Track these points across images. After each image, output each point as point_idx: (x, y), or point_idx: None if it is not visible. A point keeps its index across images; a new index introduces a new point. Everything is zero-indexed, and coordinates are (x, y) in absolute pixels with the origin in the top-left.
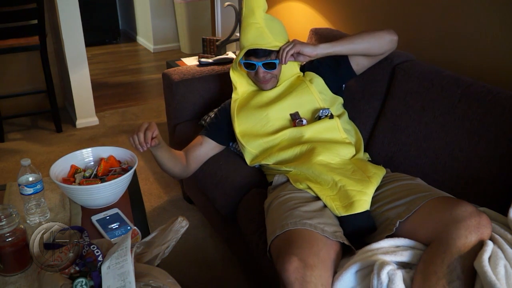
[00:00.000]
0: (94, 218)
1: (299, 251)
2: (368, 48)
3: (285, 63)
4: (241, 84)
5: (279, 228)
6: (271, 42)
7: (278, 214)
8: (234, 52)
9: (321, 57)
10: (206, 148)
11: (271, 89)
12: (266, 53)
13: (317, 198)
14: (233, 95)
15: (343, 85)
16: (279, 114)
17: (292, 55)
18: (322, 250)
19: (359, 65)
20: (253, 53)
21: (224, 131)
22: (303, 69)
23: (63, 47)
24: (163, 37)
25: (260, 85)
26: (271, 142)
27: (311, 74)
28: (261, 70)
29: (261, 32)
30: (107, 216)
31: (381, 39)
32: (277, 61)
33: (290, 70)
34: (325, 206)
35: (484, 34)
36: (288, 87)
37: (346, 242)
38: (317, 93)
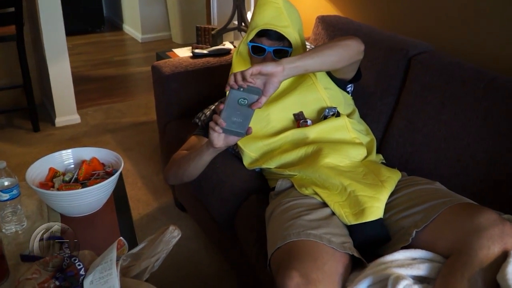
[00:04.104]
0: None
1: (301, 266)
2: (337, 60)
3: (239, 88)
4: None
5: (280, 240)
6: (288, 26)
7: (280, 223)
8: (232, 42)
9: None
10: None
11: None
12: (280, 38)
13: (325, 205)
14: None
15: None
16: (282, 114)
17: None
18: (327, 263)
19: (340, 74)
20: (266, 34)
21: None
22: None
23: (42, 37)
24: (153, 26)
25: None
26: (272, 145)
27: None
28: (270, 56)
29: (279, 13)
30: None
31: (349, 50)
32: (290, 50)
33: None
34: (333, 213)
35: (510, 22)
36: (292, 83)
37: (356, 254)
38: (323, 90)
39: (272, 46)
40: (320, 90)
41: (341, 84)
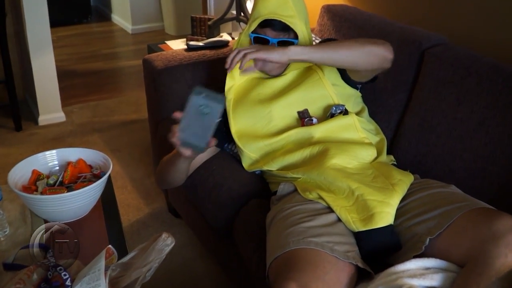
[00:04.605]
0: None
1: (299, 276)
2: (352, 62)
3: (240, 68)
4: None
5: (279, 248)
6: (294, 16)
7: (279, 230)
8: (230, 34)
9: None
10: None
11: (277, 76)
12: (285, 28)
13: (330, 210)
14: (228, 80)
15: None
16: (285, 111)
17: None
18: (329, 273)
19: (356, 76)
20: (270, 25)
21: (220, 131)
22: None
23: (25, 28)
24: (144, 16)
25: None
26: (274, 145)
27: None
28: None
29: (284, 2)
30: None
31: (372, 55)
32: (296, 41)
33: None
34: (338, 219)
35: None
36: (297, 78)
37: (360, 264)
38: (330, 86)
39: (276, 37)
40: (327, 86)
41: (351, 82)
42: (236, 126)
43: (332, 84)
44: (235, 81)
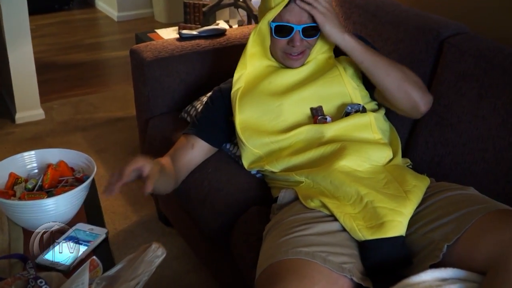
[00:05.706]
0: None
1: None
2: (386, 89)
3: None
4: (253, 55)
5: (266, 260)
6: None
7: (272, 241)
8: (227, 21)
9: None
10: (198, 152)
11: (298, 67)
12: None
13: (333, 219)
14: (238, 69)
15: None
16: (297, 107)
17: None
18: (318, 284)
19: (379, 97)
20: (294, 8)
21: (219, 128)
22: (335, 49)
23: (1, 16)
24: (131, 1)
25: (288, 61)
26: (281, 143)
27: (345, 59)
28: (298, 37)
29: None
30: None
31: (408, 95)
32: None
33: (320, 45)
34: (341, 229)
35: None
36: (315, 71)
37: (356, 278)
38: (350, 84)
39: (301, 23)
40: (347, 83)
41: (369, 90)
42: (240, 116)
43: (353, 87)
44: (246, 69)
